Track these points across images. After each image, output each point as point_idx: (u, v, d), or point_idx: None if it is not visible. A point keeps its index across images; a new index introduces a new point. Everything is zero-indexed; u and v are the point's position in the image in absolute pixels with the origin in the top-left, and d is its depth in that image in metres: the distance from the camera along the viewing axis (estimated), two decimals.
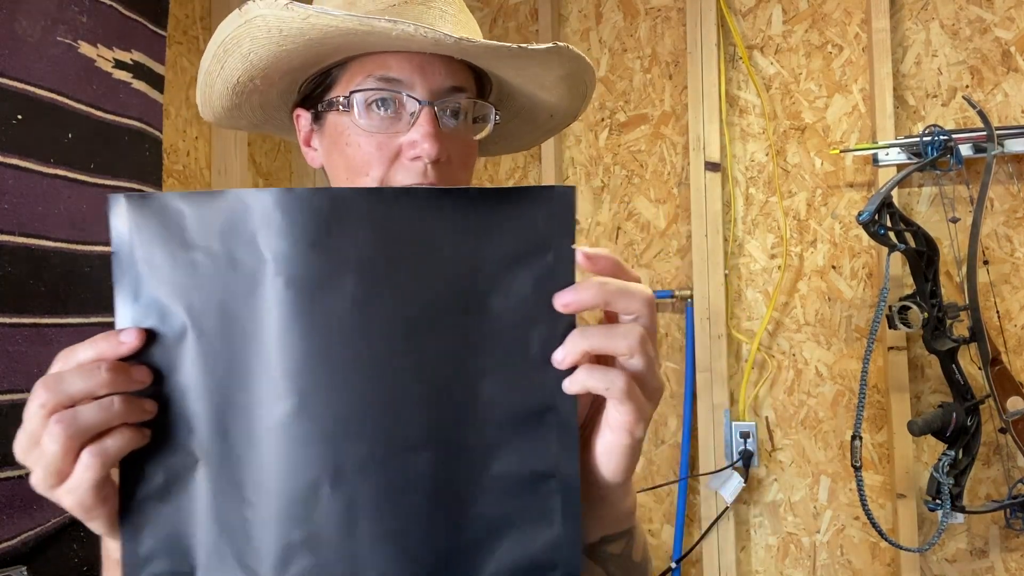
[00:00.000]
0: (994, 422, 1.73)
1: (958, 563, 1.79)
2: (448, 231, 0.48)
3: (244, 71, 0.70)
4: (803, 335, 1.94)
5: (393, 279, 0.48)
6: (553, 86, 0.75)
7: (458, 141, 0.71)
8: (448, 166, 0.69)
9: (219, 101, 0.74)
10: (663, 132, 2.08)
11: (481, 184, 2.24)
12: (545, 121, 0.83)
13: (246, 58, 0.68)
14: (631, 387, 0.48)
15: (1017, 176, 1.78)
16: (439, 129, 0.68)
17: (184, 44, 1.89)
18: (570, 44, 2.20)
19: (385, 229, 0.48)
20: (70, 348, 0.49)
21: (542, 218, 0.49)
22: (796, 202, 1.97)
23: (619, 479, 0.52)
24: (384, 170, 0.69)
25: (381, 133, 0.69)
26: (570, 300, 0.48)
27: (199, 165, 1.92)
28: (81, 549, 1.46)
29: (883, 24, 1.83)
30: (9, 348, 1.36)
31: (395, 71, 0.68)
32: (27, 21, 1.41)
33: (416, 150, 0.67)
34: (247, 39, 0.67)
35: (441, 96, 0.69)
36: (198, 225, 0.48)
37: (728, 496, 1.89)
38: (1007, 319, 1.77)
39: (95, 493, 0.48)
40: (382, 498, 0.48)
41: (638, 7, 2.12)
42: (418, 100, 0.68)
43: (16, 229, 1.39)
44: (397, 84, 0.68)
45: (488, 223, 0.49)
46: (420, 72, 0.68)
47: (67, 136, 1.49)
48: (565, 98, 0.78)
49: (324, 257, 0.48)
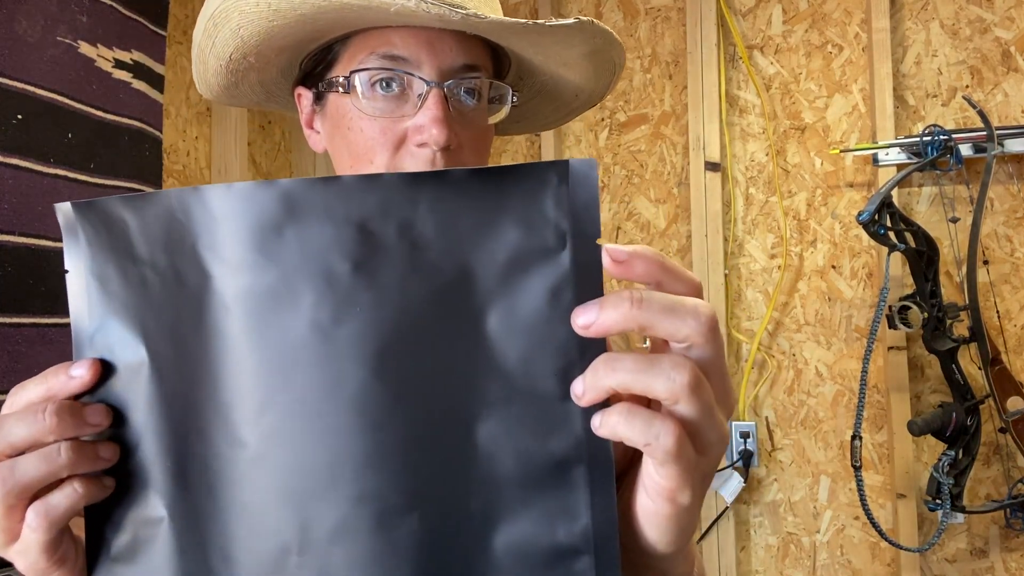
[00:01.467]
0: (994, 422, 1.73)
1: (958, 563, 1.79)
2: (430, 228, 0.38)
3: (236, 48, 0.63)
4: (803, 335, 1.95)
5: (362, 293, 0.38)
6: (577, 64, 0.67)
7: (471, 125, 0.64)
8: (459, 152, 0.62)
9: (215, 79, 0.68)
10: (663, 132, 2.08)
11: None
12: (570, 100, 0.75)
13: (236, 33, 0.61)
14: (680, 443, 0.34)
15: (1017, 176, 1.78)
16: (448, 112, 0.61)
17: (184, 44, 1.89)
18: None
19: (350, 228, 0.37)
20: (21, 384, 0.42)
21: (552, 204, 0.37)
22: (796, 202, 1.97)
23: (666, 551, 0.40)
24: (389, 156, 0.62)
25: (385, 117, 0.62)
26: (590, 321, 0.35)
27: (199, 165, 1.92)
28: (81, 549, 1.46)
29: (883, 24, 1.83)
30: (9, 348, 1.36)
31: (400, 48, 0.61)
32: (27, 21, 1.41)
33: (423, 135, 0.60)
34: (235, 13, 0.59)
35: (451, 75, 0.62)
36: (142, 235, 0.40)
37: (728, 496, 1.89)
38: (1007, 319, 1.77)
39: (48, 555, 0.41)
40: (358, 572, 0.38)
41: (638, 7, 2.12)
42: (426, 80, 0.61)
43: (16, 229, 1.39)
44: (402, 63, 0.61)
45: (482, 215, 0.37)
46: (428, 49, 0.61)
47: (67, 136, 1.49)
48: (591, 78, 0.70)
49: (275, 267, 0.38)
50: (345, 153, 0.65)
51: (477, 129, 0.64)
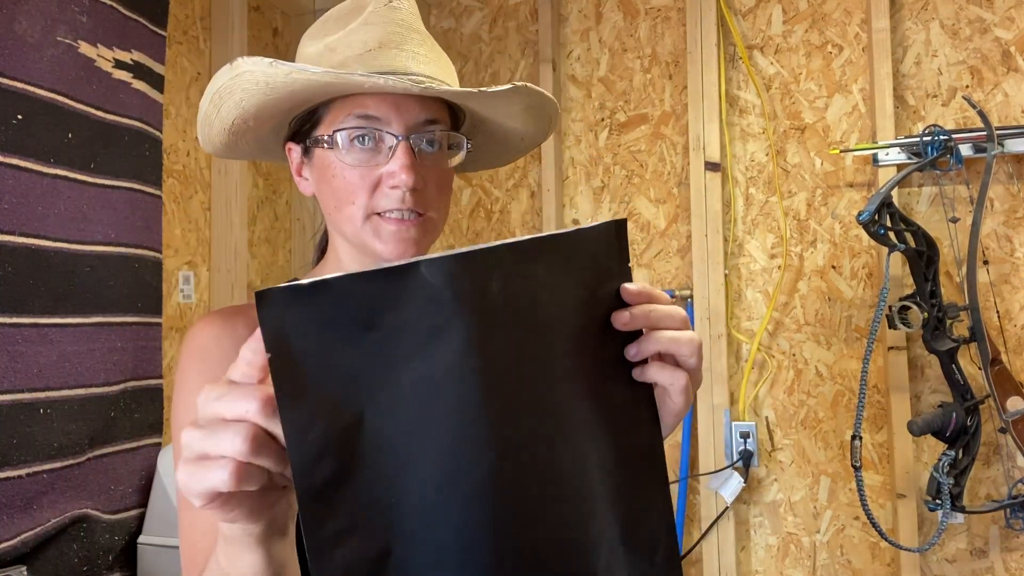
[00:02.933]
0: (994, 422, 1.73)
1: (958, 563, 1.79)
2: (543, 279, 0.52)
3: (238, 115, 0.77)
4: (803, 335, 1.94)
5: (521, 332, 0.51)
6: (518, 116, 0.84)
7: (433, 169, 0.78)
8: (424, 192, 0.77)
9: (218, 138, 0.82)
10: (663, 132, 2.08)
11: (481, 183, 2.24)
12: (517, 143, 0.92)
13: (239, 105, 0.76)
14: (688, 383, 0.59)
15: (1017, 176, 1.78)
16: (414, 160, 0.75)
17: (184, 44, 1.89)
18: (569, 43, 2.18)
19: (505, 281, 0.50)
20: (215, 389, 0.47)
21: (601, 251, 0.55)
22: (796, 202, 1.97)
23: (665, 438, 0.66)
24: (367, 198, 0.76)
25: (363, 166, 0.76)
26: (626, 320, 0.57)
27: (199, 165, 1.92)
28: (81, 549, 1.46)
29: (883, 24, 1.83)
30: (9, 348, 1.36)
31: (372, 109, 0.75)
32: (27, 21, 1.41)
33: (395, 180, 0.75)
34: (238, 90, 0.74)
35: (416, 130, 0.76)
36: (360, 304, 0.46)
37: (728, 496, 1.89)
38: (1007, 319, 1.77)
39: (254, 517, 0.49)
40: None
41: (638, 7, 2.11)
42: (395, 135, 0.76)
43: (16, 229, 1.39)
44: (375, 121, 0.76)
45: (565, 265, 0.53)
46: (395, 109, 0.75)
47: (67, 136, 1.49)
48: (531, 125, 0.87)
49: (485, 318, 0.49)
50: (330, 196, 0.79)
51: (439, 172, 0.79)
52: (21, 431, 1.36)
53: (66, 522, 1.42)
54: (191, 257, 1.89)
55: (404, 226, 0.76)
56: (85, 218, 1.53)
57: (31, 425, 1.38)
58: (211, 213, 1.95)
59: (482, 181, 2.25)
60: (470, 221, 2.25)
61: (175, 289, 1.82)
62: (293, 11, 2.29)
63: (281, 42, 2.26)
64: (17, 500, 1.35)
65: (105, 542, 1.51)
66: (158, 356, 1.71)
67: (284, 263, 2.23)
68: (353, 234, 0.78)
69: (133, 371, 1.62)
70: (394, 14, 0.77)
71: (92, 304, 1.52)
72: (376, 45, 0.76)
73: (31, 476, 1.37)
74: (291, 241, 2.28)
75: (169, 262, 1.80)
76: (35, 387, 1.39)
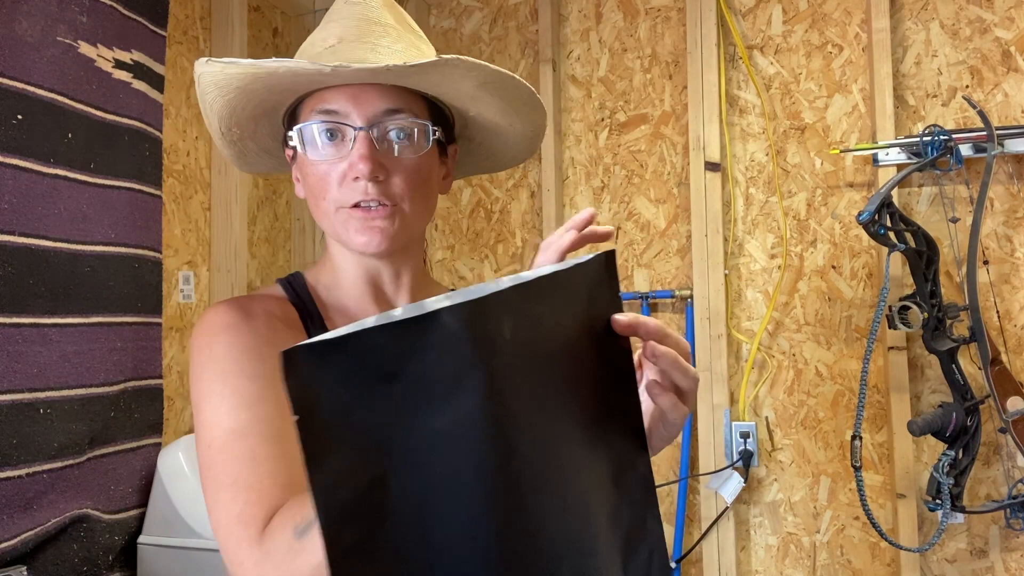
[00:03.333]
0: (994, 422, 1.73)
1: (958, 563, 1.79)
2: (544, 316, 0.53)
3: (217, 120, 0.80)
4: (803, 335, 1.94)
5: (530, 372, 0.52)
6: (477, 94, 0.81)
7: (401, 160, 0.77)
8: (388, 184, 0.76)
9: (224, 150, 0.85)
10: (663, 132, 2.08)
11: (481, 184, 2.24)
12: (518, 142, 0.91)
13: (212, 108, 0.79)
14: (685, 408, 0.63)
15: (1017, 176, 1.78)
16: (374, 150, 0.75)
17: (184, 44, 1.89)
18: (569, 43, 2.19)
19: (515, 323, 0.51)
20: None
21: (594, 282, 0.57)
22: (796, 202, 1.97)
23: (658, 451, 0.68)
24: (335, 191, 0.77)
25: (327, 160, 0.77)
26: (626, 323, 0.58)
27: (199, 165, 1.92)
28: (81, 549, 1.46)
29: (883, 24, 1.83)
30: (9, 348, 1.36)
31: (331, 103, 0.76)
32: (27, 21, 1.41)
33: (354, 171, 0.75)
34: (208, 94, 0.77)
35: (376, 120, 0.76)
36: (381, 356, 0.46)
37: (728, 496, 1.89)
38: (1007, 319, 1.77)
39: None
40: None
41: (638, 7, 2.11)
42: (353, 127, 0.76)
43: (16, 229, 1.39)
44: (335, 115, 0.76)
45: (563, 300, 0.55)
46: (354, 101, 0.76)
47: (67, 136, 1.49)
48: (498, 106, 0.84)
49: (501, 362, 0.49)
50: (308, 194, 0.80)
51: (407, 162, 0.78)
52: (21, 431, 1.36)
53: (66, 522, 1.42)
54: (191, 257, 1.89)
55: (372, 216, 0.76)
56: (85, 218, 1.53)
57: (31, 425, 1.38)
58: (211, 213, 1.95)
59: (482, 181, 2.25)
60: (470, 221, 2.25)
61: (175, 289, 1.82)
62: (293, 11, 2.30)
63: (281, 42, 2.26)
64: (17, 500, 1.35)
65: (105, 542, 1.51)
66: (158, 356, 1.71)
67: (284, 263, 2.24)
68: (330, 228, 0.79)
69: (133, 371, 1.62)
70: (353, 9, 0.79)
71: (92, 304, 1.52)
72: (335, 40, 0.77)
73: (31, 476, 1.37)
74: (291, 241, 2.28)
75: (169, 262, 1.80)
76: (35, 387, 1.39)
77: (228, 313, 0.76)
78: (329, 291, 0.86)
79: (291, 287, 0.85)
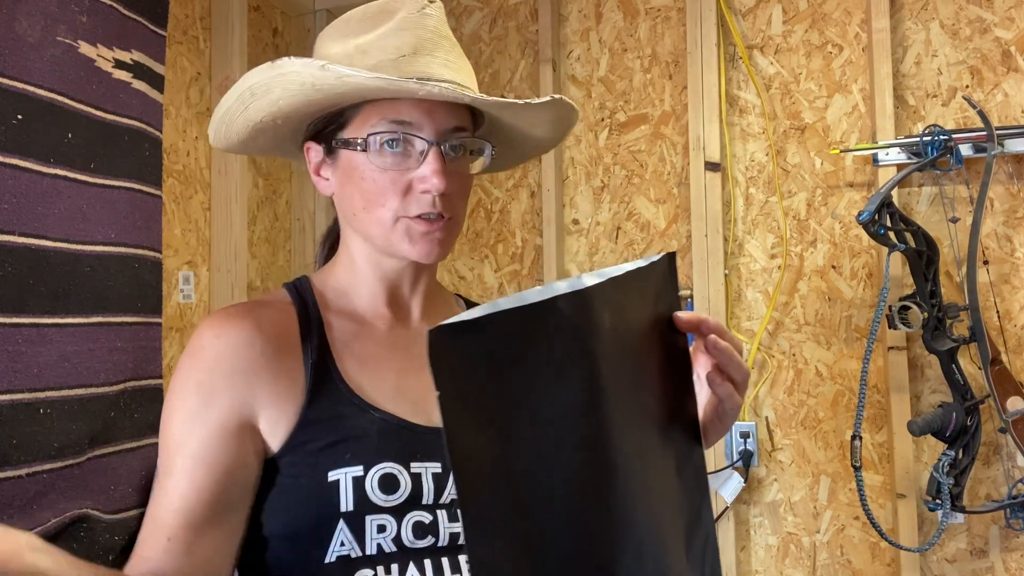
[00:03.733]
0: (994, 422, 1.73)
1: (958, 563, 1.79)
2: (628, 308, 0.59)
3: (269, 114, 0.79)
4: (803, 335, 1.94)
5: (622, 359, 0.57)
6: (543, 125, 0.86)
7: (458, 174, 0.80)
8: (451, 196, 0.79)
9: (236, 136, 0.83)
10: (663, 132, 2.08)
11: (482, 184, 2.24)
12: (529, 150, 0.95)
13: (275, 103, 0.77)
14: (747, 382, 0.69)
15: (1017, 176, 1.78)
16: (445, 166, 0.77)
17: (184, 44, 1.89)
18: (569, 43, 2.18)
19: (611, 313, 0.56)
20: None
21: (659, 281, 0.62)
22: (796, 202, 1.97)
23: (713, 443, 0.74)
24: (398, 202, 0.77)
25: (393, 170, 0.77)
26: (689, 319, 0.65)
27: (199, 165, 1.92)
28: (81, 549, 1.46)
29: (883, 24, 1.83)
30: (9, 348, 1.36)
31: (406, 115, 0.77)
32: (27, 21, 1.41)
33: (426, 184, 0.76)
34: (278, 88, 0.75)
35: (446, 136, 0.78)
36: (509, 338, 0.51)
37: (728, 496, 1.89)
38: (1007, 319, 1.77)
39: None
40: None
41: (638, 7, 2.11)
42: (426, 140, 0.77)
43: (16, 229, 1.39)
44: (408, 126, 0.77)
45: (640, 294, 0.60)
46: (428, 116, 0.77)
47: (67, 136, 1.49)
48: (550, 133, 0.89)
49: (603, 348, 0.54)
50: (358, 199, 0.79)
51: (463, 177, 0.82)
52: (21, 431, 1.36)
53: (66, 522, 1.42)
54: (191, 257, 1.89)
55: (433, 228, 0.78)
56: (85, 218, 1.53)
57: (31, 425, 1.38)
58: (211, 213, 1.95)
59: (482, 181, 2.25)
60: (470, 221, 2.25)
61: (175, 289, 1.82)
62: (293, 11, 2.30)
63: (281, 42, 2.27)
64: (17, 500, 1.35)
65: (105, 542, 1.51)
66: (158, 356, 1.71)
67: (284, 263, 2.24)
68: (381, 236, 0.79)
69: (133, 371, 1.62)
70: (426, 20, 0.79)
71: (92, 304, 1.52)
72: (411, 51, 0.77)
73: (31, 476, 1.37)
74: (291, 241, 2.28)
75: (169, 262, 1.80)
76: (35, 387, 1.39)
77: (209, 336, 0.77)
78: (339, 295, 0.86)
79: (297, 292, 0.85)
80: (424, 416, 0.79)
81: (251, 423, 0.75)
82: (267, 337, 0.77)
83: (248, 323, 0.78)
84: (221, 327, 0.77)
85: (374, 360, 0.82)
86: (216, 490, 0.74)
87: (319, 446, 0.75)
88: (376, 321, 0.85)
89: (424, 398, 0.81)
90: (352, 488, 0.72)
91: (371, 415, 0.77)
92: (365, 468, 0.74)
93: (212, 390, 0.75)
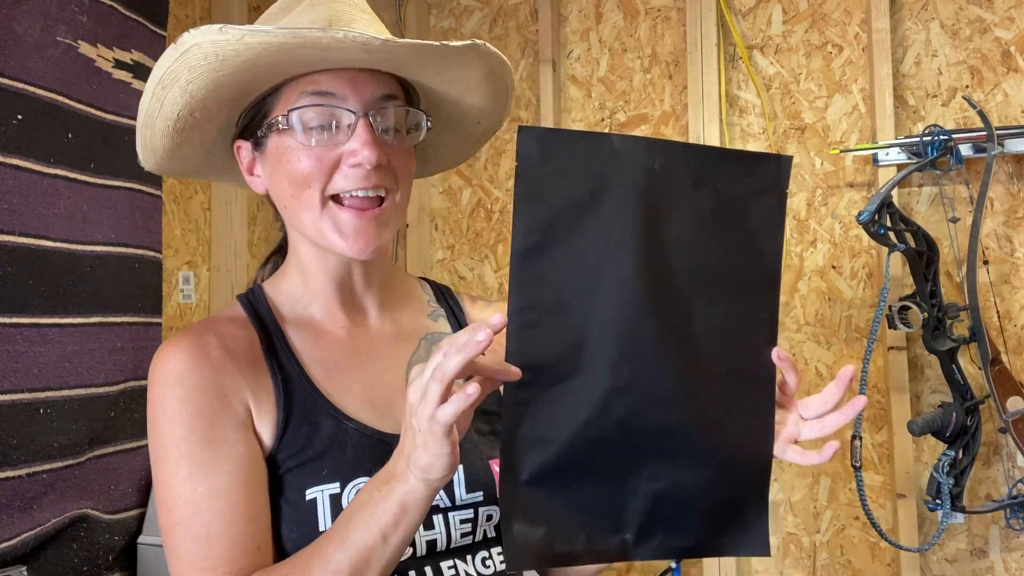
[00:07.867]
0: (994, 422, 1.73)
1: (958, 563, 1.79)
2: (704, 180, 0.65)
3: (184, 104, 0.72)
4: (803, 335, 1.94)
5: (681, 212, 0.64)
6: (477, 86, 0.79)
7: (396, 149, 0.75)
8: (388, 170, 0.74)
9: (160, 141, 0.76)
10: (663, 132, 2.08)
11: (482, 183, 2.24)
12: (474, 128, 0.87)
13: (185, 90, 0.70)
14: None
15: (1017, 176, 1.78)
16: (376, 136, 0.72)
17: None
18: (569, 43, 2.19)
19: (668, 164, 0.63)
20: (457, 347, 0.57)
21: (771, 173, 0.66)
22: (796, 202, 1.97)
23: None
24: (325, 180, 0.72)
25: (320, 146, 0.72)
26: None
27: None
28: (81, 549, 1.46)
29: (883, 24, 1.83)
30: (9, 348, 1.36)
31: (327, 85, 0.71)
32: (27, 21, 1.41)
33: (357, 157, 0.71)
34: (185, 70, 0.68)
35: (373, 105, 0.73)
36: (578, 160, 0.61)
37: None
38: (1007, 319, 1.77)
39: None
40: None
41: (638, 7, 2.11)
42: (353, 112, 0.72)
43: (16, 229, 1.39)
44: (331, 98, 0.72)
45: (733, 173, 0.65)
46: (351, 85, 0.72)
47: (67, 136, 1.49)
48: (490, 99, 0.82)
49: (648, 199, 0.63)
50: (285, 184, 0.74)
51: (402, 152, 0.76)
52: (21, 431, 1.36)
53: (66, 522, 1.42)
54: (191, 257, 1.89)
55: (366, 217, 0.73)
56: (85, 218, 1.53)
57: (31, 425, 1.38)
58: (211, 213, 1.95)
59: (482, 181, 2.25)
60: (470, 221, 2.25)
61: (175, 289, 1.82)
62: None
63: None
64: (17, 500, 1.35)
65: (105, 542, 1.51)
66: None
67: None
68: (312, 226, 0.74)
69: (133, 371, 1.62)
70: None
71: (92, 304, 1.52)
72: (326, 23, 0.72)
73: (31, 476, 1.37)
74: None
75: (169, 262, 1.80)
76: (35, 387, 1.39)
77: (181, 360, 0.72)
78: (293, 302, 0.82)
79: (251, 305, 0.81)
80: (393, 423, 0.76)
81: (255, 428, 0.74)
82: (235, 355, 0.75)
83: (214, 339, 0.75)
84: (188, 349, 0.73)
85: (338, 368, 0.79)
86: (262, 483, 0.73)
87: (297, 462, 0.73)
88: (333, 327, 0.81)
89: (391, 404, 0.78)
90: (329, 506, 0.71)
91: (345, 425, 0.75)
92: (342, 484, 0.72)
93: (193, 415, 0.71)
